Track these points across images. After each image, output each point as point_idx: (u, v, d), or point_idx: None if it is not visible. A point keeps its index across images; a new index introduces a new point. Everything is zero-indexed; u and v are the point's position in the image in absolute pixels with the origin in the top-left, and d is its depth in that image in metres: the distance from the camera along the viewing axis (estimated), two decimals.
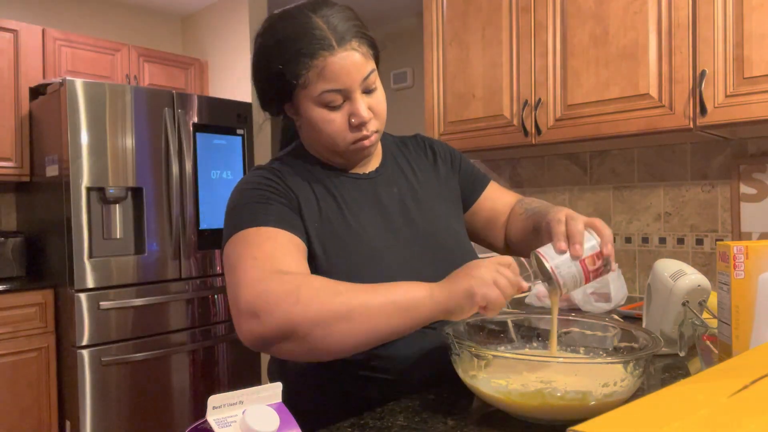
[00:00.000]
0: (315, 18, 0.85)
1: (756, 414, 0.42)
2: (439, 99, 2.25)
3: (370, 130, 0.89)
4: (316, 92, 0.86)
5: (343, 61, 0.84)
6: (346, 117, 0.88)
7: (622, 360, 0.74)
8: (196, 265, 2.81)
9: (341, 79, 0.85)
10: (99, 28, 3.53)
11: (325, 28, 0.84)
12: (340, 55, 0.84)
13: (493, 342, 0.90)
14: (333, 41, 0.84)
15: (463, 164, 1.11)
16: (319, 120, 0.88)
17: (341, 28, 0.85)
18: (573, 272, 0.77)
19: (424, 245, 0.92)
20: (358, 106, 0.87)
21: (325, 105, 0.87)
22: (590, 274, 0.78)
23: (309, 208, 0.90)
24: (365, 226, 0.92)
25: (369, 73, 0.87)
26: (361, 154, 0.93)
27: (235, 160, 3.01)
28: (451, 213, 1.04)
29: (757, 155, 1.83)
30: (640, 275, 2.08)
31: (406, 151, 1.07)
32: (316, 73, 0.84)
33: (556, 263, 0.78)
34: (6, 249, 2.73)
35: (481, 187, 1.11)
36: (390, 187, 0.99)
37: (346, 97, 0.87)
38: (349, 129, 0.88)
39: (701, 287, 1.05)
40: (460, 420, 0.75)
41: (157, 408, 2.64)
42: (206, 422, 0.53)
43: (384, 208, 0.96)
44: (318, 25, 0.84)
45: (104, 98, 2.54)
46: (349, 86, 0.85)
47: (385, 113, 0.92)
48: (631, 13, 1.71)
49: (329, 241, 0.89)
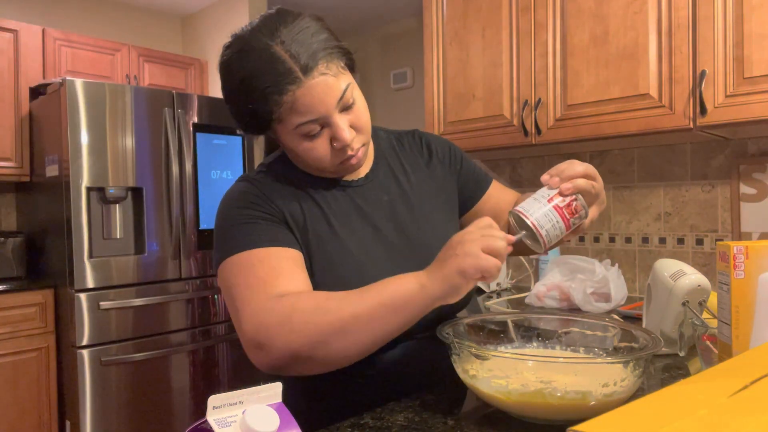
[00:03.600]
0: (275, 47, 0.79)
1: (756, 414, 0.42)
2: (439, 99, 2.25)
3: (355, 148, 0.87)
4: (291, 126, 0.82)
5: (313, 91, 0.79)
6: (327, 142, 0.85)
7: (622, 360, 0.74)
8: (196, 265, 2.81)
9: (315, 109, 0.81)
10: (99, 28, 3.54)
11: (288, 59, 0.78)
12: (308, 84, 0.79)
13: (493, 342, 0.90)
14: (298, 72, 0.78)
15: (464, 164, 1.08)
16: (300, 150, 0.86)
17: (305, 54, 0.79)
18: (553, 222, 0.77)
19: (415, 255, 0.88)
20: (339, 131, 0.83)
21: (305, 135, 0.84)
22: (563, 210, 0.78)
23: (295, 222, 0.89)
24: (353, 237, 0.90)
25: (344, 91, 0.82)
26: (351, 171, 0.92)
27: (235, 160, 3.01)
28: (445, 218, 1.01)
29: (757, 155, 1.83)
30: (640, 275, 2.08)
31: (400, 149, 1.04)
32: (288, 109, 0.80)
33: (529, 212, 0.78)
34: (6, 249, 2.73)
35: (484, 187, 1.08)
36: (380, 194, 0.96)
37: (325, 123, 0.83)
38: (333, 153, 0.86)
39: (701, 287, 1.05)
40: (460, 420, 0.75)
41: (157, 408, 2.64)
42: (206, 422, 0.53)
43: (373, 218, 0.93)
44: (280, 57, 0.78)
45: (104, 98, 2.54)
46: (325, 113, 0.81)
47: (369, 123, 0.89)
48: (631, 13, 1.71)
49: (316, 255, 0.88)
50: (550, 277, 1.83)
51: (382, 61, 3.96)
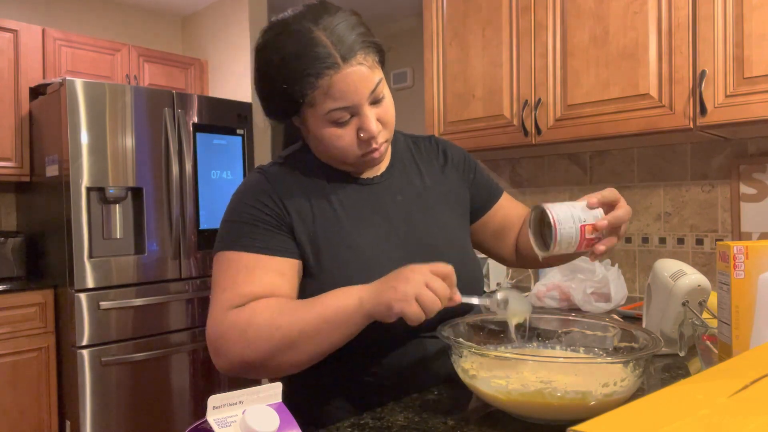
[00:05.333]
0: (317, 32, 0.81)
1: (756, 414, 0.42)
2: (439, 99, 2.25)
3: (380, 143, 0.88)
4: (323, 111, 0.84)
5: (349, 78, 0.81)
6: (354, 131, 0.86)
7: (622, 360, 0.74)
8: (196, 265, 2.81)
9: (349, 97, 0.82)
10: (99, 28, 3.53)
11: (329, 44, 0.81)
12: (345, 71, 0.81)
13: (493, 342, 0.90)
14: (338, 58, 0.80)
15: (477, 173, 1.08)
16: (327, 136, 0.86)
17: (346, 42, 0.81)
18: (571, 233, 0.79)
19: (424, 257, 0.87)
20: (368, 122, 0.85)
21: (334, 122, 0.85)
22: (584, 241, 0.80)
23: (302, 220, 0.90)
24: (363, 235, 0.91)
25: (376, 84, 0.84)
26: (371, 164, 0.93)
27: (235, 160, 3.01)
28: (457, 223, 1.02)
29: (757, 155, 1.83)
30: (640, 275, 2.08)
31: (417, 152, 1.04)
32: (322, 93, 0.82)
33: (559, 218, 0.79)
34: (6, 249, 2.73)
35: (495, 198, 1.09)
36: (395, 194, 0.97)
37: (355, 113, 0.85)
38: (359, 143, 0.87)
39: (701, 287, 1.05)
40: (460, 420, 0.75)
41: (157, 408, 2.64)
42: (206, 422, 0.53)
43: (386, 217, 0.94)
44: (321, 42, 0.81)
45: (104, 98, 2.54)
46: (357, 102, 0.83)
47: (394, 120, 0.91)
48: (631, 13, 1.71)
49: (324, 253, 0.89)
50: (550, 277, 1.83)
51: None
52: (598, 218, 0.80)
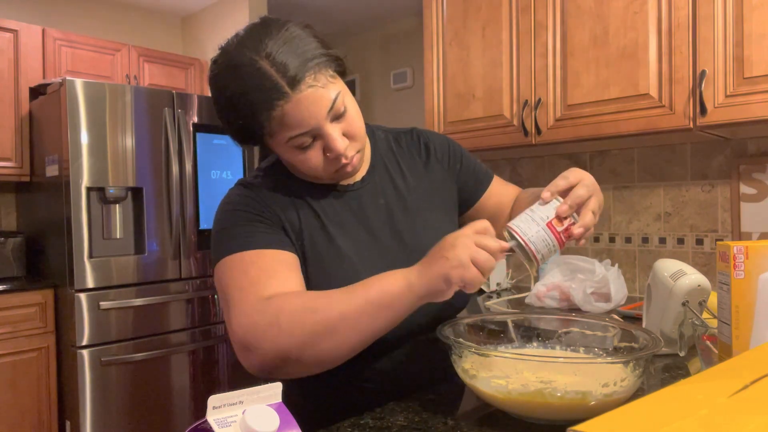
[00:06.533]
0: (261, 62, 0.77)
1: (756, 414, 0.42)
2: (439, 99, 2.25)
3: (350, 156, 0.85)
4: (283, 140, 0.81)
5: (301, 104, 0.78)
6: (321, 151, 0.83)
7: (622, 360, 0.74)
8: (196, 265, 2.81)
9: (305, 122, 0.79)
10: (99, 28, 3.53)
11: (274, 74, 0.76)
12: (296, 98, 0.77)
13: (493, 342, 0.90)
14: (285, 87, 0.76)
15: (464, 161, 1.05)
16: (294, 161, 0.85)
17: (292, 67, 0.77)
18: (542, 236, 0.77)
19: (410, 260, 0.84)
20: (332, 141, 0.81)
21: (297, 147, 0.82)
22: (560, 234, 0.77)
23: (292, 228, 0.89)
24: (349, 242, 0.90)
25: (333, 101, 0.80)
26: (346, 177, 0.90)
27: (235, 160, 3.01)
28: (442, 220, 0.99)
29: (757, 155, 1.83)
30: (640, 275, 2.08)
31: (398, 150, 1.01)
32: (277, 124, 0.79)
33: (525, 233, 0.77)
34: (6, 249, 2.73)
35: (485, 183, 1.06)
36: (377, 197, 0.95)
37: (316, 135, 0.82)
38: (328, 162, 0.84)
39: (701, 287, 1.05)
40: (460, 420, 0.75)
41: (157, 408, 2.64)
42: (206, 422, 0.53)
43: (369, 223, 0.92)
44: (266, 73, 0.76)
45: (104, 98, 2.54)
46: (315, 125, 0.80)
47: (362, 129, 0.87)
48: (631, 13, 1.71)
49: (312, 261, 0.88)
50: (550, 277, 1.83)
51: (382, 61, 3.96)
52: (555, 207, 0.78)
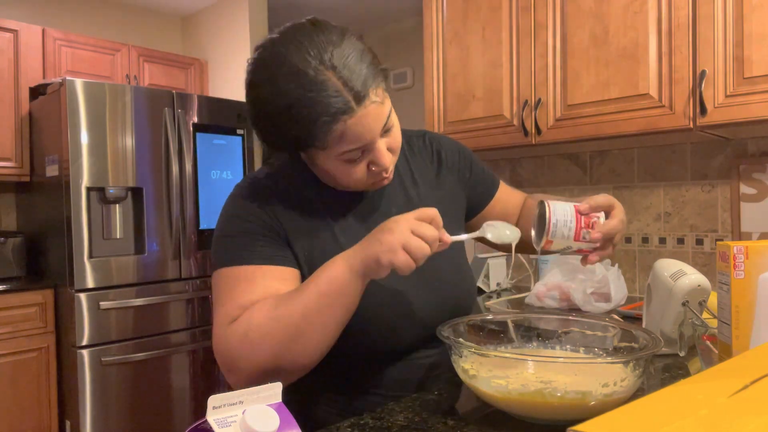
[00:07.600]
0: (327, 73, 0.74)
1: (756, 414, 0.42)
2: (439, 99, 2.25)
3: (390, 171, 0.85)
4: (336, 153, 0.79)
5: (364, 120, 0.76)
6: (365, 165, 0.83)
7: (622, 360, 0.74)
8: (196, 265, 2.81)
9: (363, 138, 0.78)
10: (99, 28, 3.53)
11: (342, 88, 0.74)
12: (360, 114, 0.76)
13: (493, 342, 0.90)
14: (351, 102, 0.75)
15: (474, 168, 1.05)
16: (338, 173, 0.83)
17: (358, 81, 0.75)
18: (566, 210, 0.83)
19: (420, 273, 0.83)
20: (381, 156, 0.81)
21: (346, 161, 0.81)
22: (581, 221, 0.83)
23: (298, 235, 0.87)
24: None
25: (388, 116, 0.80)
26: (377, 188, 0.90)
27: (235, 160, 3.01)
28: (452, 230, 0.97)
29: (757, 155, 1.83)
30: (640, 275, 2.08)
31: (410, 155, 1.01)
32: (336, 137, 0.76)
33: (555, 208, 0.82)
34: (6, 249, 2.73)
35: (493, 190, 1.08)
36: (388, 205, 0.94)
37: (368, 149, 0.81)
38: (369, 174, 0.84)
39: (701, 287, 1.05)
40: (460, 420, 0.75)
41: (157, 408, 2.64)
42: (206, 422, 0.53)
43: None
44: (334, 87, 0.74)
45: (104, 98, 2.54)
46: (371, 140, 0.79)
47: (401, 141, 0.87)
48: (631, 13, 1.71)
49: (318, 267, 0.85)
50: (550, 277, 1.83)
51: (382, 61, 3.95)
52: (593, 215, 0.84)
